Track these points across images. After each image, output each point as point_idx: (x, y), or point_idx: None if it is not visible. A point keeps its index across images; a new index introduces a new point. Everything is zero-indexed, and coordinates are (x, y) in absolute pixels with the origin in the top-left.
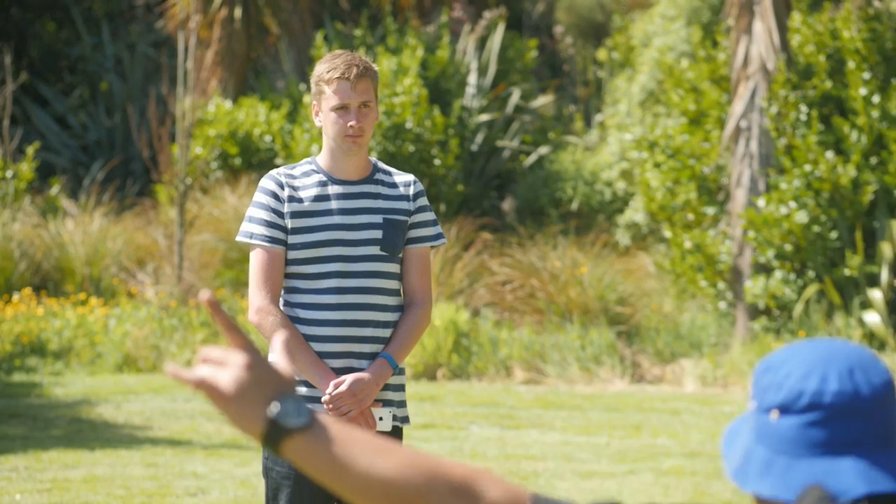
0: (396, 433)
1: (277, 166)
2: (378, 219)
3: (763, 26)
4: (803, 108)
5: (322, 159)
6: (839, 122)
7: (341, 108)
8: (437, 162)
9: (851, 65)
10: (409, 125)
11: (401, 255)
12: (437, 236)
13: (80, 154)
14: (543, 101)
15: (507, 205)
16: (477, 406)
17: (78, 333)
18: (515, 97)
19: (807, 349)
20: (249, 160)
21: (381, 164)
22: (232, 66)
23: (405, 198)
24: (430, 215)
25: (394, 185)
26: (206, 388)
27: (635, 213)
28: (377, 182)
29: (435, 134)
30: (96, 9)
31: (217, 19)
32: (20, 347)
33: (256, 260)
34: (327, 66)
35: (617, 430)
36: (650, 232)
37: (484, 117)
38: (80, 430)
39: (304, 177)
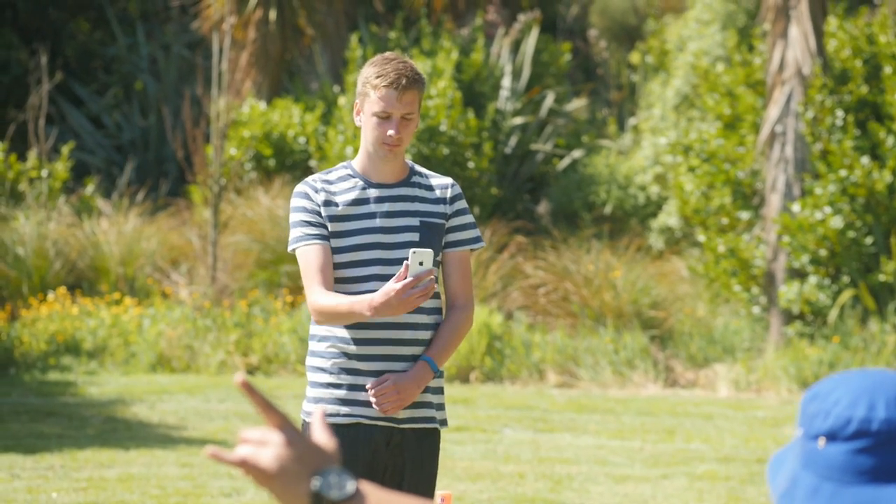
0: (434, 436)
1: (311, 167)
2: (415, 222)
3: (799, 31)
4: (839, 112)
5: (358, 162)
6: (875, 127)
7: (383, 116)
8: (470, 165)
9: (888, 70)
10: (443, 128)
11: (438, 259)
12: (476, 239)
13: (114, 154)
14: (577, 104)
15: (542, 208)
16: (510, 409)
17: (112, 333)
18: (549, 100)
19: (855, 377)
20: (283, 161)
21: (418, 167)
22: (266, 68)
23: (442, 201)
24: (468, 218)
25: (431, 188)
26: (249, 468)
27: (669, 217)
28: (414, 185)
29: (469, 137)
30: (131, 9)
31: (252, 21)
32: (55, 346)
33: (303, 260)
34: (377, 71)
35: (650, 434)
36: (684, 236)
37: (518, 120)
38: (115, 430)
39: (340, 181)
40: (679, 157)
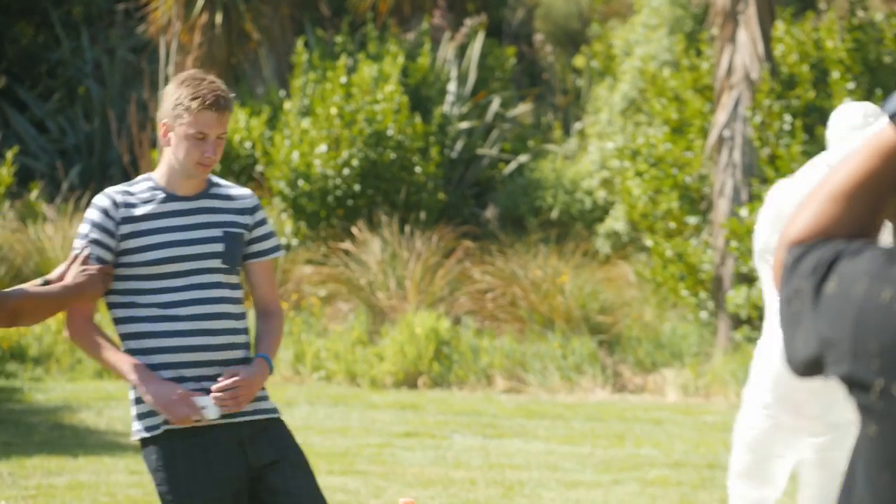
0: (281, 425)
1: (257, 173)
2: (218, 232)
3: (747, 35)
4: (787, 117)
5: (161, 176)
6: (823, 131)
7: (200, 137)
8: (417, 169)
9: (835, 75)
10: (390, 132)
11: (239, 267)
12: (277, 248)
13: (58, 158)
14: (523, 109)
15: (489, 213)
16: (458, 415)
17: (58, 339)
18: (495, 105)
19: None
20: (230, 166)
21: (216, 178)
22: (212, 72)
23: (243, 211)
24: (269, 228)
25: (231, 198)
26: None
27: (616, 221)
28: (214, 196)
29: (416, 141)
30: (75, 13)
31: (198, 25)
32: (0, 353)
33: None
34: (192, 92)
35: (600, 439)
36: (631, 241)
37: (464, 125)
38: (63, 437)
39: (141, 193)
40: (626, 162)
